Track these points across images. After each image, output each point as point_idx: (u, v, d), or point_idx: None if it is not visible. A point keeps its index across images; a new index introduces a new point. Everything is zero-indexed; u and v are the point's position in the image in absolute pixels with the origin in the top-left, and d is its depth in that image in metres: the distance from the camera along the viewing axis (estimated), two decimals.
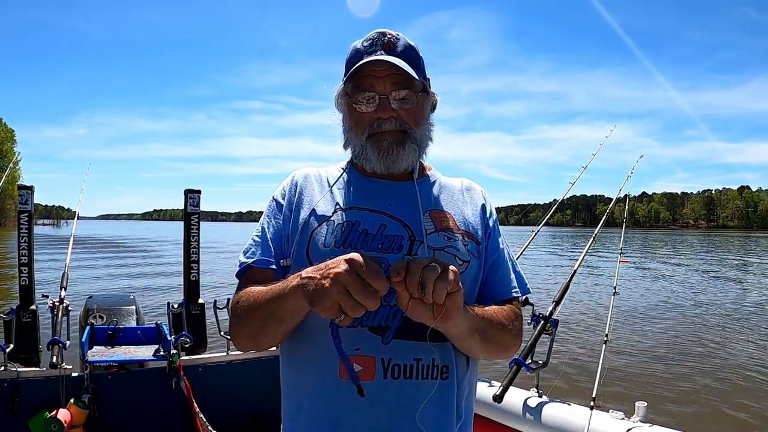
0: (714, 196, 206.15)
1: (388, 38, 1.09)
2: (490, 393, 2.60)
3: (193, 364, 3.36)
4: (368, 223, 1.09)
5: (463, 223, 1.14)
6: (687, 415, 5.45)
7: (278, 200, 1.18)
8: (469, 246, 1.11)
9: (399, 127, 1.09)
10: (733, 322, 10.54)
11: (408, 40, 1.12)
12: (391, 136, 1.09)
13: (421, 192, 1.14)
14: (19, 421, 2.93)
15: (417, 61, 1.11)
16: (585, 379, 5.78)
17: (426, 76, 1.15)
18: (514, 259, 1.23)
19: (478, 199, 1.21)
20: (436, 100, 1.19)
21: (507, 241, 1.24)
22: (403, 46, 1.10)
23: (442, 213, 1.13)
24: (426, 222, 1.10)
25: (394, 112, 1.08)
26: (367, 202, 1.12)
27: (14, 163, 21.80)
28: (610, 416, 2.30)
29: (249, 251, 1.15)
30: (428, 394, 1.01)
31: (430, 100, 1.16)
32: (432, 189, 1.17)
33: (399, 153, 1.09)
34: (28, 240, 3.45)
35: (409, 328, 1.00)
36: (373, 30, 1.13)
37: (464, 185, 1.23)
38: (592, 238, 3.35)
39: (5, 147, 65.28)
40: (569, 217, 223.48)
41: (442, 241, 1.08)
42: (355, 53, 1.10)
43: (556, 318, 2.74)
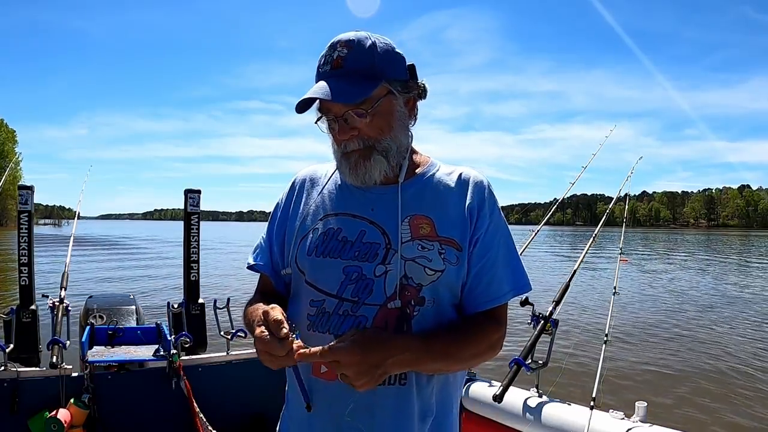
0: (714, 195, 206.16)
1: (337, 53, 1.06)
2: (490, 393, 2.61)
3: (193, 364, 3.36)
4: (349, 229, 1.11)
5: (444, 228, 1.11)
6: (687, 415, 5.44)
7: (279, 205, 1.24)
8: (446, 254, 1.09)
9: (361, 145, 1.09)
10: (734, 322, 10.54)
11: (365, 42, 1.07)
12: (357, 153, 1.09)
13: (406, 195, 1.13)
14: (19, 421, 2.94)
15: (369, 66, 1.06)
16: (585, 379, 5.77)
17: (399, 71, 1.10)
18: (513, 256, 1.17)
19: (471, 197, 1.14)
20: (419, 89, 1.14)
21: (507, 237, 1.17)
22: (351, 58, 1.06)
23: (423, 219, 1.11)
24: (404, 229, 1.09)
25: (355, 131, 1.08)
26: (351, 208, 1.14)
27: (15, 164, 21.80)
28: (610, 416, 2.30)
29: (254, 252, 1.25)
30: (385, 399, 1.06)
31: (400, 99, 1.11)
32: (420, 190, 1.15)
33: (367, 167, 1.09)
34: (28, 240, 3.45)
35: None
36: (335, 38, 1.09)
37: (461, 180, 1.16)
38: (593, 238, 3.34)
39: (6, 147, 65.40)
40: (569, 216, 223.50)
41: (416, 251, 1.08)
42: (317, 72, 1.11)
43: (556, 318, 2.74)
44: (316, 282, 1.12)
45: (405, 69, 1.12)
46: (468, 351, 1.08)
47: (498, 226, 1.15)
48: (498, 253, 1.14)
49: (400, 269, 1.06)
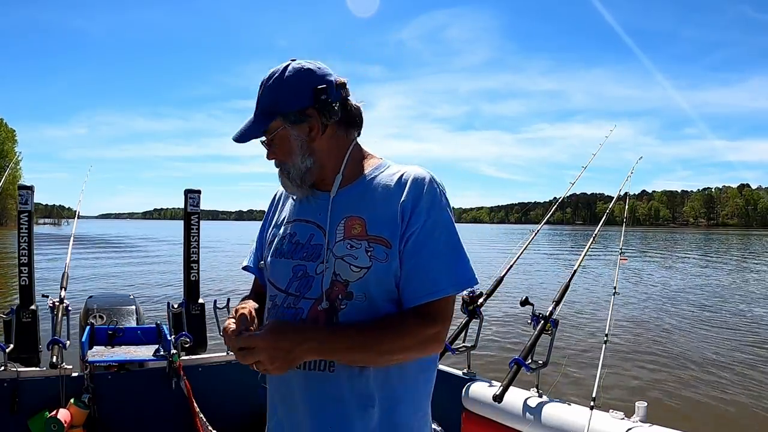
0: (714, 195, 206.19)
1: (259, 93, 1.24)
2: (490, 393, 2.61)
3: (193, 364, 3.36)
4: (302, 233, 1.26)
5: (374, 227, 1.18)
6: (687, 415, 5.45)
7: (266, 214, 1.43)
8: (373, 251, 1.16)
9: (278, 166, 1.27)
10: (734, 321, 10.55)
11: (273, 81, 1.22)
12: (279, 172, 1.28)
13: (346, 198, 1.24)
14: (19, 421, 2.94)
15: (270, 104, 1.22)
16: (585, 379, 5.78)
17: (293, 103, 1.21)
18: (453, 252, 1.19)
19: (406, 195, 1.18)
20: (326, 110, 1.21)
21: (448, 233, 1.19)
22: (262, 98, 1.24)
23: (356, 219, 1.20)
24: (339, 230, 1.20)
25: (272, 154, 1.27)
26: (305, 214, 1.28)
27: (15, 163, 21.74)
28: (610, 416, 2.30)
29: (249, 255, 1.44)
30: (316, 384, 1.17)
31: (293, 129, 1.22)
32: (360, 192, 1.23)
33: (284, 184, 1.29)
34: (28, 240, 3.45)
35: None
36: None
37: (401, 179, 1.21)
38: (593, 238, 3.34)
39: (6, 147, 65.36)
40: (569, 216, 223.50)
41: (345, 249, 1.18)
42: None
43: (556, 318, 2.74)
44: (272, 279, 1.28)
45: (307, 96, 1.21)
46: (386, 345, 1.13)
47: (437, 223, 1.18)
48: (435, 249, 1.17)
49: (333, 267, 1.18)
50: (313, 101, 1.21)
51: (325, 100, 1.21)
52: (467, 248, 1.22)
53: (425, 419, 1.24)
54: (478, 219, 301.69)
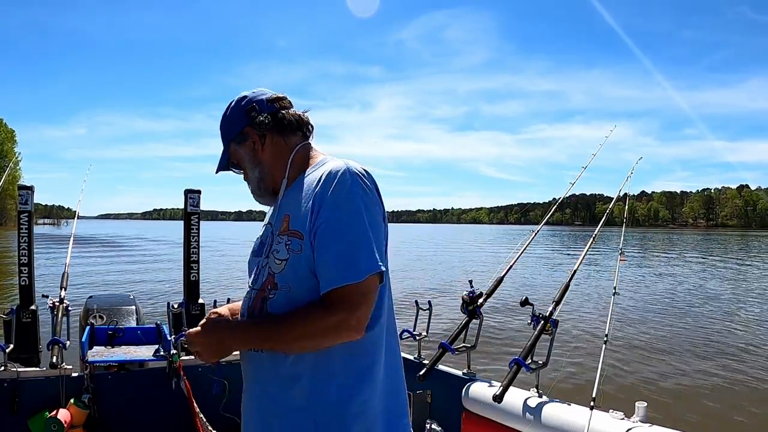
0: (713, 195, 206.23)
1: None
2: (490, 393, 2.61)
3: (193, 364, 3.36)
4: (264, 234, 1.42)
5: (295, 222, 1.31)
6: (687, 415, 5.45)
7: None
8: (291, 244, 1.29)
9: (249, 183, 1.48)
10: (734, 321, 10.56)
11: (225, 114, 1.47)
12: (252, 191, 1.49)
13: (287, 198, 1.39)
14: (19, 421, 2.94)
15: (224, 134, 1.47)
16: (585, 379, 5.79)
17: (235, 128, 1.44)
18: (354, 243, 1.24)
19: (319, 189, 1.28)
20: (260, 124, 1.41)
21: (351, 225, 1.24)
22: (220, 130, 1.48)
23: (285, 216, 1.34)
24: (276, 229, 1.35)
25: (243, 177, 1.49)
26: (269, 217, 1.44)
27: (14, 163, 21.73)
28: (610, 416, 2.30)
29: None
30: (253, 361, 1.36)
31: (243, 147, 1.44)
32: (296, 190, 1.37)
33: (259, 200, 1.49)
34: (28, 240, 3.45)
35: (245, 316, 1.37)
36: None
37: (320, 173, 1.31)
38: (593, 238, 3.34)
39: (6, 147, 65.28)
40: (568, 216, 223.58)
41: (274, 245, 1.34)
42: None
43: (556, 318, 2.74)
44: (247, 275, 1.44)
45: (241, 118, 1.43)
46: (294, 333, 1.25)
47: (340, 217, 1.25)
48: (336, 241, 1.24)
49: (269, 261, 1.34)
50: (247, 120, 1.42)
51: (255, 116, 1.41)
52: (467, 248, 1.23)
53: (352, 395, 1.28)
54: (478, 219, 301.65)
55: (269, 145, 1.42)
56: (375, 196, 1.31)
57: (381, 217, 1.32)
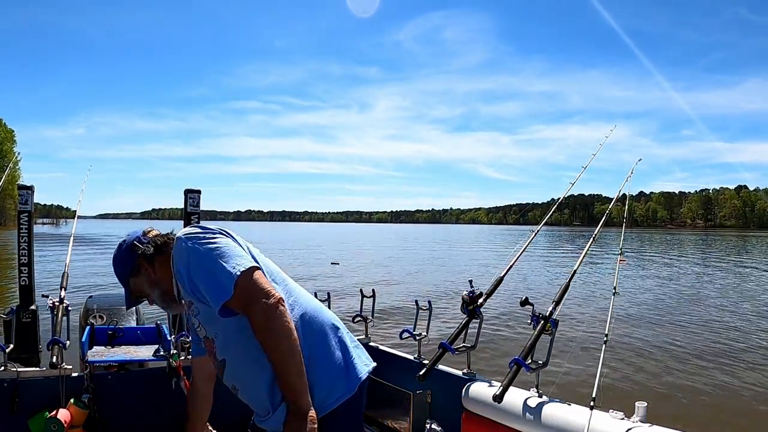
0: (711, 196, 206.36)
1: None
2: (489, 393, 2.61)
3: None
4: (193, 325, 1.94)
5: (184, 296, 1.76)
6: (687, 415, 5.46)
7: None
8: (192, 311, 1.78)
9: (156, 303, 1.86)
10: (733, 321, 10.56)
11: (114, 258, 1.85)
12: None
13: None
14: (19, 421, 2.93)
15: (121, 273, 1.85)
16: (585, 379, 5.79)
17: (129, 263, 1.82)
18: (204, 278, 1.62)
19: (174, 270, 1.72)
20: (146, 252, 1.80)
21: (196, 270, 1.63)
22: (117, 275, 1.86)
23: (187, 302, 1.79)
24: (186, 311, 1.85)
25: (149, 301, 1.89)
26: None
27: (14, 163, 21.69)
28: (610, 416, 2.30)
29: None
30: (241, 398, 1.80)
31: (141, 274, 1.82)
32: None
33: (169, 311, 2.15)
34: (28, 240, 3.45)
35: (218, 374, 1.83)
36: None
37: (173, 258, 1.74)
38: (592, 239, 3.34)
39: (5, 147, 65.15)
40: (567, 217, 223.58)
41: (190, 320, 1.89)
42: None
43: (556, 318, 2.73)
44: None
45: (131, 256, 1.81)
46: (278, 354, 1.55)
47: (192, 263, 1.63)
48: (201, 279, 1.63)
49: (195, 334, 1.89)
50: (135, 256, 1.80)
51: (139, 249, 1.79)
52: (467, 248, 1.24)
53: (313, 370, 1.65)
54: (476, 220, 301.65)
55: (158, 264, 1.78)
56: (206, 233, 1.67)
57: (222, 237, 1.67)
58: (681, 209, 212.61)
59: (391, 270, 21.10)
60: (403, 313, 9.64)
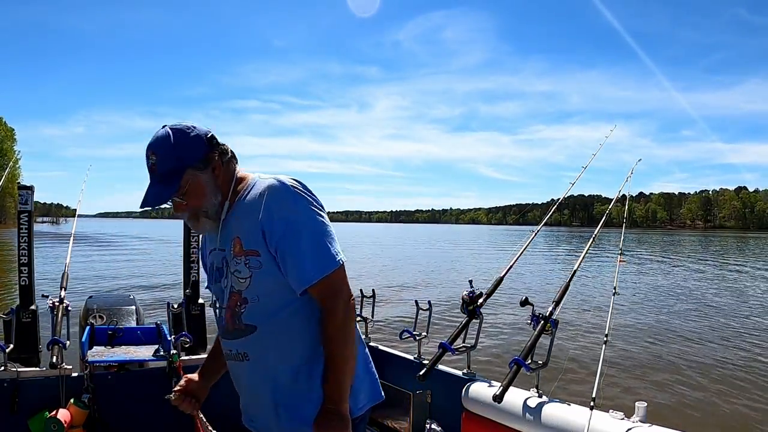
0: (711, 197, 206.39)
1: (151, 161, 1.43)
2: (489, 393, 2.61)
3: (193, 364, 3.36)
4: (216, 260, 1.55)
5: (247, 242, 1.45)
6: (687, 415, 5.46)
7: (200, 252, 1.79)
8: (250, 262, 1.44)
9: (190, 212, 1.49)
10: (733, 321, 10.57)
11: (167, 142, 1.43)
12: (190, 219, 1.52)
13: (229, 222, 1.50)
14: (19, 421, 2.93)
15: (172, 166, 1.42)
16: (585, 379, 5.79)
17: (197, 153, 1.45)
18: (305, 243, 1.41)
19: (260, 207, 1.43)
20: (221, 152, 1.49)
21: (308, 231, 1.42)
22: (159, 163, 1.42)
23: (236, 239, 1.47)
24: (230, 250, 1.49)
25: (183, 206, 1.48)
26: (214, 243, 1.56)
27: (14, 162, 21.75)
28: (610, 416, 2.30)
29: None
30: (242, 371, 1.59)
31: (204, 173, 1.46)
32: (236, 214, 1.49)
33: (199, 228, 1.54)
34: (28, 240, 3.44)
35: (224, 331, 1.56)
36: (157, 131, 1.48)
37: (260, 193, 1.46)
38: (592, 239, 3.34)
39: (5, 146, 65.12)
40: (567, 217, 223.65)
41: (233, 266, 1.47)
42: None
43: (556, 318, 2.74)
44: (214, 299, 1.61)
45: (203, 145, 1.46)
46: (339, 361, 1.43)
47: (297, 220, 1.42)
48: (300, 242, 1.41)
49: (230, 281, 1.49)
50: (209, 147, 1.47)
51: (217, 143, 1.49)
52: (467, 248, 1.25)
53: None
54: (476, 220, 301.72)
55: (223, 172, 1.51)
56: (315, 199, 1.47)
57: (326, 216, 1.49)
58: (681, 210, 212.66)
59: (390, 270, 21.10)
60: (403, 313, 9.64)
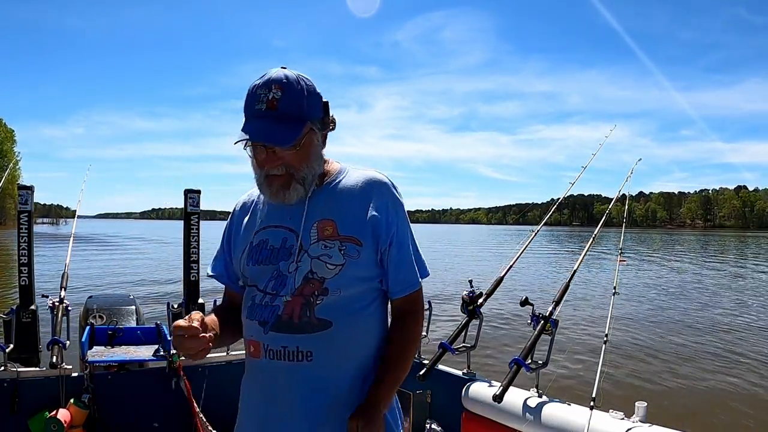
0: (711, 196, 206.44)
1: (272, 94, 1.23)
2: (490, 393, 2.61)
3: (193, 364, 3.36)
4: (274, 238, 1.34)
5: (345, 228, 1.30)
6: (687, 415, 5.46)
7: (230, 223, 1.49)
8: (346, 250, 1.29)
9: (284, 172, 1.27)
10: (733, 321, 10.57)
11: (296, 86, 1.25)
12: (278, 180, 1.28)
13: (314, 203, 1.32)
14: (19, 421, 2.94)
15: (300, 110, 1.25)
16: (585, 379, 5.79)
17: (319, 110, 1.29)
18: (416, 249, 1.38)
19: (371, 198, 1.32)
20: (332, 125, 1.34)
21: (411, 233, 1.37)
22: (285, 101, 1.23)
23: (327, 222, 1.31)
24: (312, 232, 1.30)
25: (281, 160, 1.26)
26: (274, 220, 1.36)
27: (14, 163, 21.64)
28: (610, 416, 2.30)
29: (213, 262, 1.49)
30: (296, 373, 1.29)
31: (319, 133, 1.31)
32: (326, 197, 1.34)
33: (286, 194, 1.29)
34: (28, 240, 3.44)
35: (279, 323, 1.29)
36: (275, 69, 1.26)
37: (363, 182, 1.35)
38: (592, 239, 3.34)
39: (5, 147, 65.06)
40: (566, 217, 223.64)
41: (320, 250, 1.29)
42: (248, 103, 1.26)
43: (556, 318, 2.74)
44: (252, 281, 1.37)
45: (321, 107, 1.31)
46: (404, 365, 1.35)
47: (405, 227, 1.36)
48: (407, 250, 1.36)
49: (308, 266, 1.28)
50: (325, 112, 1.31)
51: (329, 111, 1.33)
52: (467, 248, 1.26)
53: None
54: (476, 220, 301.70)
55: (321, 145, 1.34)
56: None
57: None
58: (680, 209, 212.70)
59: None
60: None
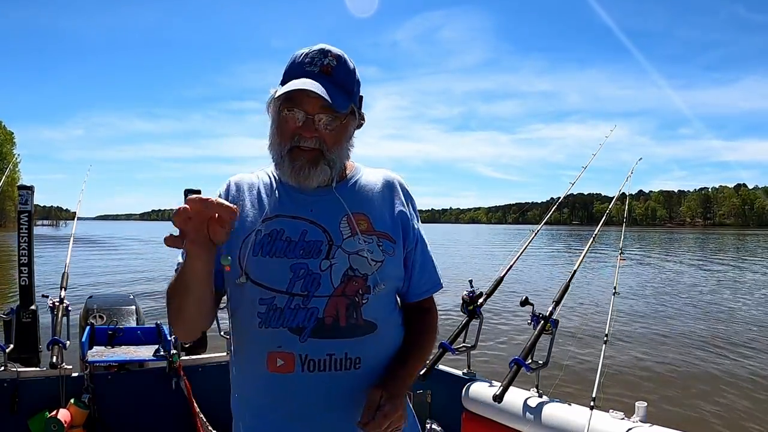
0: (710, 194, 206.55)
1: (328, 61, 1.16)
2: (490, 393, 2.61)
3: (193, 364, 3.36)
4: (291, 230, 1.20)
5: (378, 223, 1.24)
6: (687, 415, 5.46)
7: None
8: (383, 246, 1.22)
9: (317, 146, 1.16)
10: (734, 320, 10.57)
11: (348, 63, 1.19)
12: (307, 155, 1.16)
13: (341, 196, 1.23)
14: (19, 421, 2.94)
15: (351, 86, 1.19)
16: (585, 379, 5.78)
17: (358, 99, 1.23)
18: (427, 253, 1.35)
19: (395, 195, 1.29)
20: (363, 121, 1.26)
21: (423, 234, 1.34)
22: (340, 72, 1.17)
23: (359, 215, 1.22)
24: (343, 226, 1.20)
25: (317, 132, 1.15)
26: (290, 210, 1.22)
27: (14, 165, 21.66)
28: (610, 416, 2.30)
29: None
30: (342, 384, 1.17)
31: (355, 122, 1.23)
32: (351, 191, 1.26)
33: (311, 173, 1.17)
34: (28, 240, 3.44)
35: (322, 328, 1.16)
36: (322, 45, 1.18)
37: (384, 180, 1.31)
38: (592, 238, 3.34)
39: (5, 149, 65.13)
40: (566, 216, 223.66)
41: (358, 244, 1.19)
42: (296, 65, 1.18)
43: (556, 318, 2.74)
44: (263, 280, 1.18)
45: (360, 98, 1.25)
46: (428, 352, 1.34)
47: (415, 224, 1.31)
48: (427, 252, 1.34)
49: (345, 262, 1.18)
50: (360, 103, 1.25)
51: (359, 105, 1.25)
52: (467, 248, 1.26)
53: None
54: (476, 219, 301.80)
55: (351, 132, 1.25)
56: None
57: None
58: (680, 208, 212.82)
59: None
60: None
